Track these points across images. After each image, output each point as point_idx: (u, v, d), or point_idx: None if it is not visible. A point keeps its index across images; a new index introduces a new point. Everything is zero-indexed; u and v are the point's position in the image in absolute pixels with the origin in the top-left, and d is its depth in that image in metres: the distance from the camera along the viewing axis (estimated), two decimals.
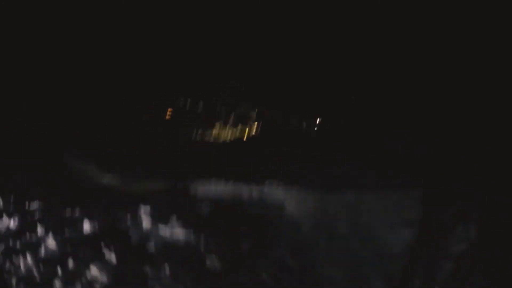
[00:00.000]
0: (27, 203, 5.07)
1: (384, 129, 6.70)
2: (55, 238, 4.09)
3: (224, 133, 8.82)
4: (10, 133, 7.23)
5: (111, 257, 3.89)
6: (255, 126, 8.54)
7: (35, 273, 3.54)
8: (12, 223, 4.38)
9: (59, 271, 3.53)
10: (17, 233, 4.19)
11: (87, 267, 3.62)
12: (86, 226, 4.53)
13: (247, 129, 8.62)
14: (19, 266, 3.58)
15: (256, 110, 8.50)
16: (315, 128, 7.77)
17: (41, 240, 4.03)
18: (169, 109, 8.73)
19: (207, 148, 8.84)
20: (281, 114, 8.24)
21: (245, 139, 8.66)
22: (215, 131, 8.87)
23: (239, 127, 8.70)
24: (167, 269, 3.77)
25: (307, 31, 7.02)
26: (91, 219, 4.74)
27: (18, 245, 3.94)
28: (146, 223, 4.72)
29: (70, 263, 3.65)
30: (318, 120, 7.76)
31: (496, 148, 5.57)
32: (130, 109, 8.56)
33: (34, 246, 3.91)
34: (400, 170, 6.37)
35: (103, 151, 8.55)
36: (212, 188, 8.13)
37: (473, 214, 5.16)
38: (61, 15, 7.45)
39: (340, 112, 7.19)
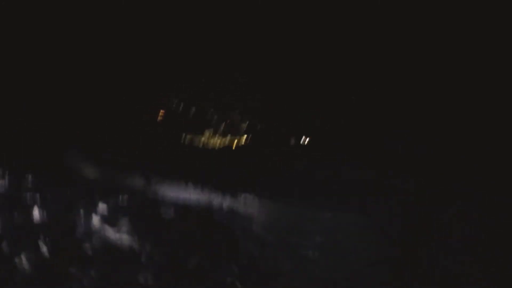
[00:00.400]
0: None
1: (384, 129, 6.69)
2: (2, 219, 4.02)
3: (213, 141, 8.72)
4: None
5: (43, 249, 3.71)
6: (245, 137, 8.43)
7: None
8: None
9: None
10: None
11: (17, 254, 3.52)
12: (36, 213, 4.36)
13: (236, 140, 8.52)
14: None
15: (248, 122, 8.41)
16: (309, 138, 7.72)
17: None
18: (162, 111, 8.71)
19: (192, 154, 8.67)
20: (273, 127, 8.16)
21: (233, 149, 8.54)
22: (204, 138, 8.77)
23: (229, 136, 8.59)
24: (93, 275, 3.48)
25: (307, 31, 7.02)
26: (43, 206, 4.54)
27: None
28: (95, 220, 4.44)
29: (4, 246, 3.58)
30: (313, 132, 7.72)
31: (496, 148, 5.57)
32: (124, 106, 8.52)
33: None
34: (400, 170, 6.36)
35: (91, 141, 8.46)
36: (183, 192, 7.66)
37: (473, 214, 5.15)
38: (61, 15, 7.46)
39: (340, 112, 7.18)
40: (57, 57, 7.80)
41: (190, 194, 7.48)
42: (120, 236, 4.21)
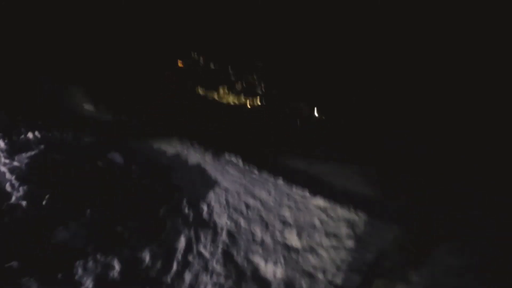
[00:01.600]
0: None
1: (384, 129, 6.68)
2: None
3: (225, 99, 8.31)
4: None
5: None
6: (257, 100, 8.01)
7: None
8: None
9: None
10: None
11: None
12: None
13: (248, 102, 8.12)
14: None
15: (263, 85, 7.99)
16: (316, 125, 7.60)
17: None
18: (180, 60, 8.45)
19: (197, 106, 7.87)
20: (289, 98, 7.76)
21: (242, 113, 8.05)
22: (216, 94, 8.36)
23: (242, 98, 8.14)
24: None
25: (308, 32, 7.03)
26: None
27: None
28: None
29: None
30: (318, 117, 7.62)
31: (496, 148, 5.57)
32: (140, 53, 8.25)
33: None
34: (400, 170, 6.37)
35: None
36: (157, 144, 6.62)
37: (473, 214, 5.15)
38: None
39: (340, 112, 7.17)
40: None
41: (165, 147, 6.42)
42: (4, 169, 3.88)
